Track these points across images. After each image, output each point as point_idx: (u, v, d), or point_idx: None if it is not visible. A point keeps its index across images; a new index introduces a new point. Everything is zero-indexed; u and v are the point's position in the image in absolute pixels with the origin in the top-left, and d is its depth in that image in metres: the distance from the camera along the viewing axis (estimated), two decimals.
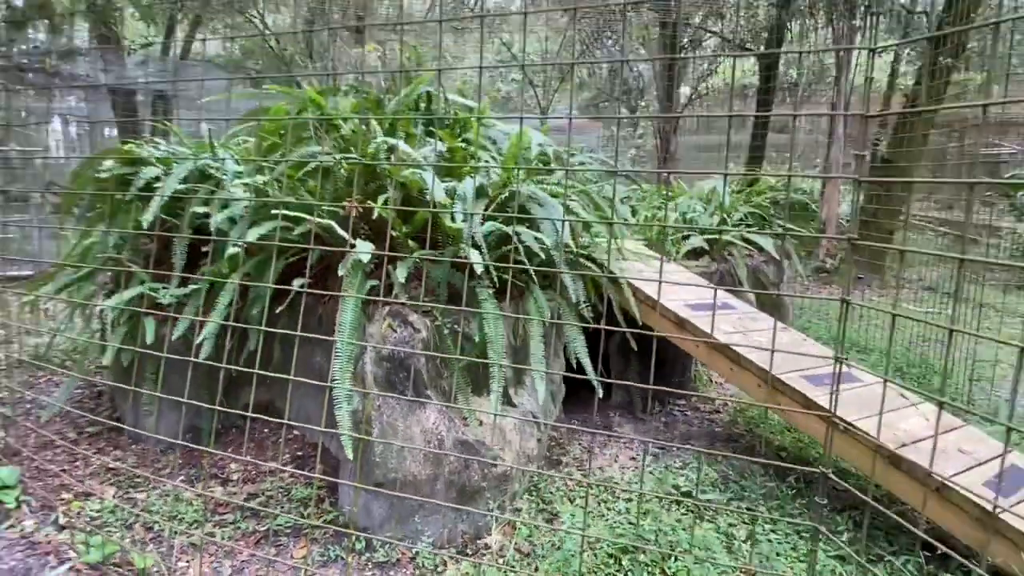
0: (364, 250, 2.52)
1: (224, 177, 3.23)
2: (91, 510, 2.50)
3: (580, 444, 3.22)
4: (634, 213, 4.68)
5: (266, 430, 3.25)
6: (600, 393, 2.60)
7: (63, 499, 2.59)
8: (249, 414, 2.01)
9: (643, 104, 11.33)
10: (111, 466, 3.00)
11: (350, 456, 2.31)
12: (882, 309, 2.11)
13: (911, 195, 7.79)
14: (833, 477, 1.31)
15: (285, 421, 2.13)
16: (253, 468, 2.99)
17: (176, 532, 2.43)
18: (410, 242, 2.77)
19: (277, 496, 2.70)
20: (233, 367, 2.31)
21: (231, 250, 2.67)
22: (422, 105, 3.85)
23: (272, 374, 2.06)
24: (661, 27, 10.37)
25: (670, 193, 5.23)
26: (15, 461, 3.04)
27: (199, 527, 2.48)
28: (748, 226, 4.76)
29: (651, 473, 2.90)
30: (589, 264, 3.13)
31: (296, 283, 2.75)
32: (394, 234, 2.81)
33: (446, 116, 3.54)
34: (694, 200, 4.89)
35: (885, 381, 1.25)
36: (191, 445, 3.10)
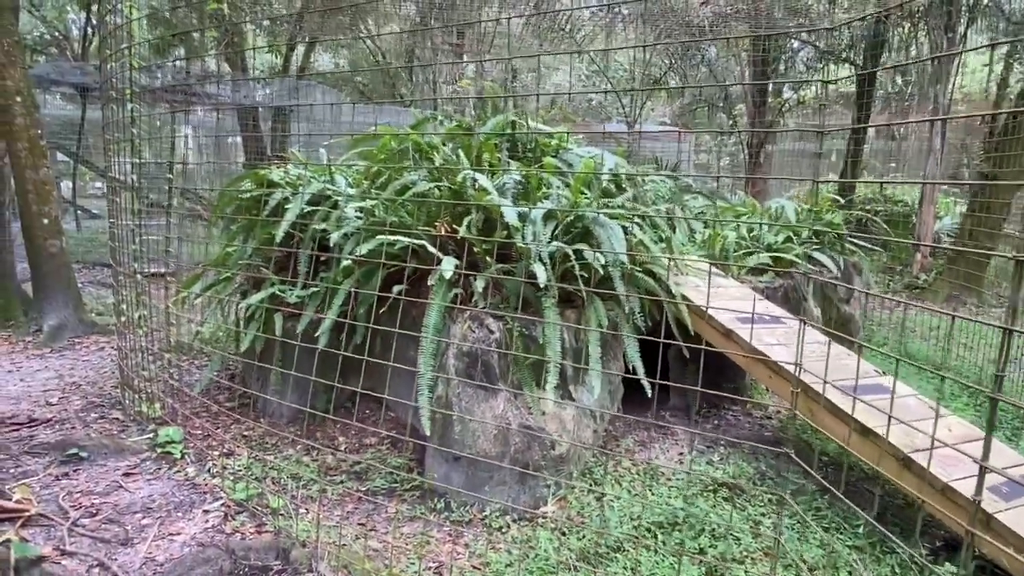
0: (448, 265, 3.06)
1: (340, 198, 3.89)
2: (236, 465, 3.17)
3: (633, 438, 3.62)
4: (692, 231, 4.98)
5: (367, 411, 3.87)
6: (650, 392, 3.00)
7: (212, 455, 3.29)
8: (359, 389, 2.58)
9: (735, 113, 11.39)
10: (245, 433, 3.71)
11: (427, 432, 2.85)
12: None
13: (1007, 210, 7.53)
14: (799, 461, 1.67)
15: (386, 396, 2.69)
16: (357, 441, 3.60)
17: (298, 486, 3.06)
18: (488, 258, 3.28)
19: (376, 464, 3.29)
20: (345, 354, 2.90)
21: (345, 262, 3.28)
22: (507, 130, 4.36)
23: (377, 360, 2.62)
24: (753, 42, 10.43)
25: (739, 209, 5.48)
26: (176, 422, 3.82)
27: (315, 484, 3.10)
28: (816, 243, 4.94)
29: (696, 465, 3.26)
30: (647, 278, 3.52)
31: (395, 289, 3.34)
32: (476, 251, 3.34)
33: (526, 142, 4.03)
34: (762, 217, 5.13)
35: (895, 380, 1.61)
36: (318, 412, 3.76)
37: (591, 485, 3.08)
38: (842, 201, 5.52)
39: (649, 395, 2.97)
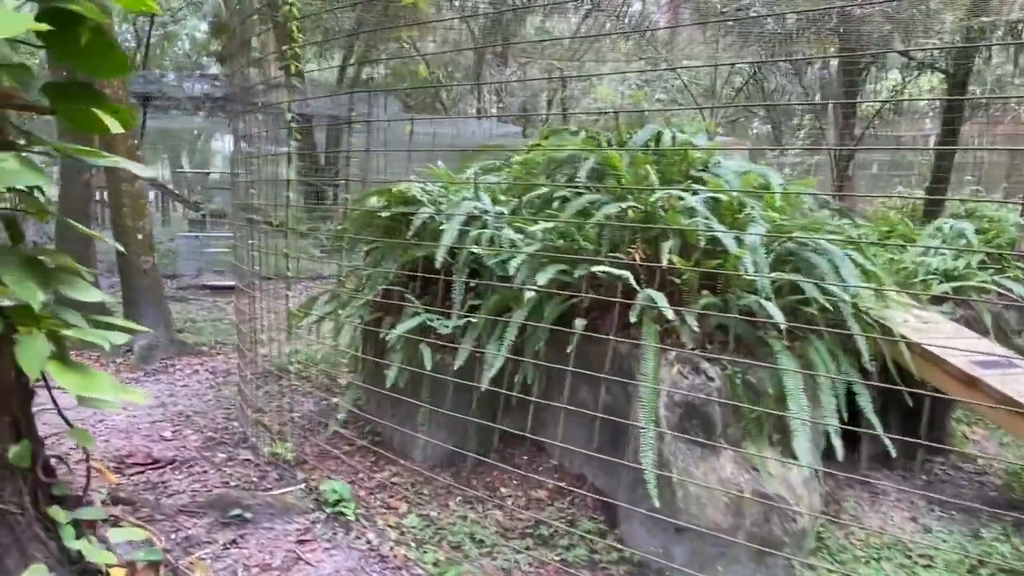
0: (660, 300, 2.62)
1: (488, 218, 3.49)
2: (407, 525, 2.76)
3: (853, 499, 3.14)
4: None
5: (525, 457, 3.44)
6: (893, 451, 2.54)
7: (376, 510, 2.89)
8: (527, 434, 2.14)
9: (818, 126, 10.86)
10: (393, 480, 3.30)
11: (656, 503, 2.41)
12: None
13: None
14: None
15: (557, 444, 2.25)
16: (524, 494, 3.17)
17: (480, 552, 2.64)
18: (691, 291, 2.84)
19: (561, 527, 2.85)
20: (514, 394, 2.47)
21: (528, 294, 2.87)
22: (651, 144, 3.92)
23: (546, 403, 2.19)
24: (841, 51, 9.91)
25: (910, 231, 4.99)
26: (304, 469, 3.42)
27: (497, 548, 2.67)
28: (997, 267, 4.43)
29: (943, 540, 2.77)
30: (862, 314, 3.05)
31: (577, 324, 2.92)
32: (676, 281, 2.91)
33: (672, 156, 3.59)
34: (931, 238, 4.63)
35: None
36: (480, 457, 3.33)
37: (834, 563, 2.60)
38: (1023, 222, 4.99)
39: (892, 452, 2.50)
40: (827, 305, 2.77)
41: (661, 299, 2.63)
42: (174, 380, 5.07)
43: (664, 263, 2.72)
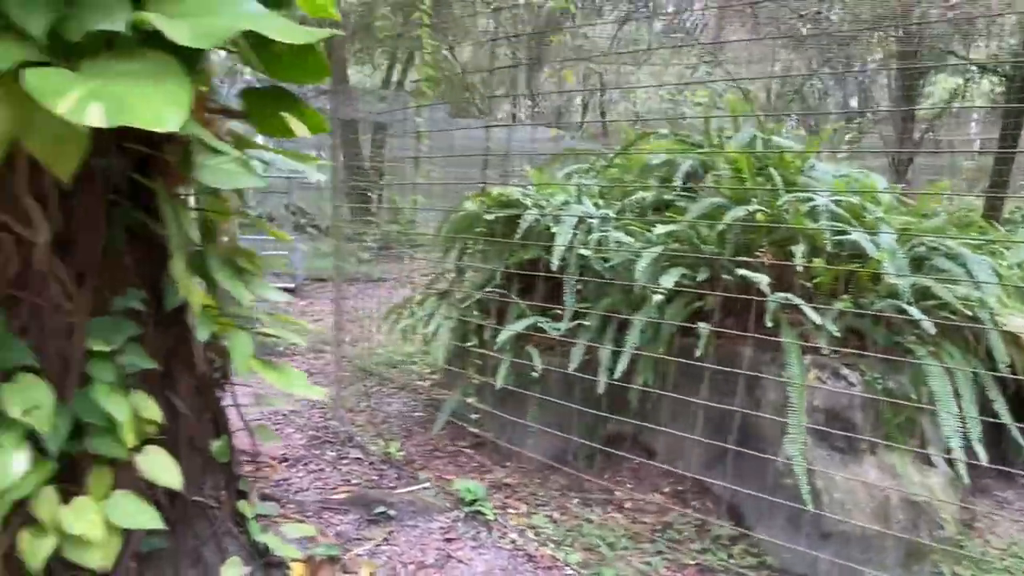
0: (797, 302, 2.61)
1: (593, 221, 3.50)
2: (536, 525, 2.77)
3: (984, 503, 3.09)
4: None
5: (636, 460, 3.44)
6: None
7: (498, 511, 2.90)
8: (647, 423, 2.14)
9: (873, 131, 10.71)
10: (507, 481, 3.32)
11: (810, 505, 2.39)
12: None
13: None
14: None
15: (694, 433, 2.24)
16: (640, 497, 3.17)
17: (614, 553, 2.64)
18: (819, 295, 2.82)
19: (689, 530, 2.84)
20: (632, 387, 2.47)
21: (656, 297, 2.87)
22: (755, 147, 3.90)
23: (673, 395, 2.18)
24: (899, 57, 9.78)
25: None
26: (415, 468, 3.46)
27: (629, 550, 2.67)
28: None
29: None
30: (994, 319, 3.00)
31: (701, 327, 2.91)
32: (807, 285, 2.89)
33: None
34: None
35: None
36: (589, 460, 3.34)
37: (978, 571, 2.56)
38: None
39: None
40: (964, 309, 2.73)
41: (801, 303, 2.62)
42: (260, 380, 5.14)
43: (798, 266, 2.71)
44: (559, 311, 3.41)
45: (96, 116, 1.07)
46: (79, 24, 1.22)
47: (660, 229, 3.01)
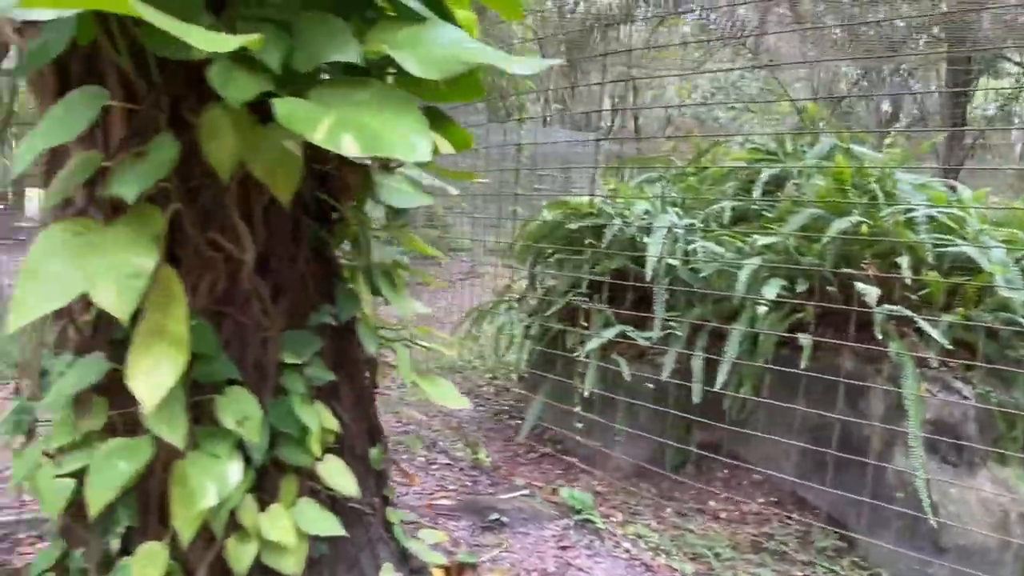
0: (908, 314, 2.61)
1: (678, 231, 3.52)
2: (635, 533, 2.80)
3: None
4: None
5: (725, 470, 3.45)
6: None
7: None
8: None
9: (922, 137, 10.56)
10: (598, 488, 3.34)
11: (930, 514, 2.39)
12: None
13: None
14: None
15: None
16: (734, 508, 3.18)
17: (722, 565, 2.65)
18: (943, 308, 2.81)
19: (792, 542, 2.85)
20: (730, 394, 2.47)
21: (761, 308, 2.89)
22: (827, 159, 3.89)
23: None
24: (949, 62, 9.64)
25: None
26: (499, 475, 3.50)
27: (736, 561, 2.68)
28: None
29: None
30: None
31: (803, 338, 2.92)
32: (912, 298, 2.88)
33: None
34: None
35: None
36: (678, 468, 3.35)
37: None
38: None
39: None
40: None
41: (913, 315, 2.62)
42: None
43: (907, 278, 2.71)
44: (641, 319, 3.44)
45: (350, 145, 1.12)
46: (310, 56, 1.27)
47: (762, 240, 3.02)
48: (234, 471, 1.37)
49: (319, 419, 1.55)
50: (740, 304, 3.05)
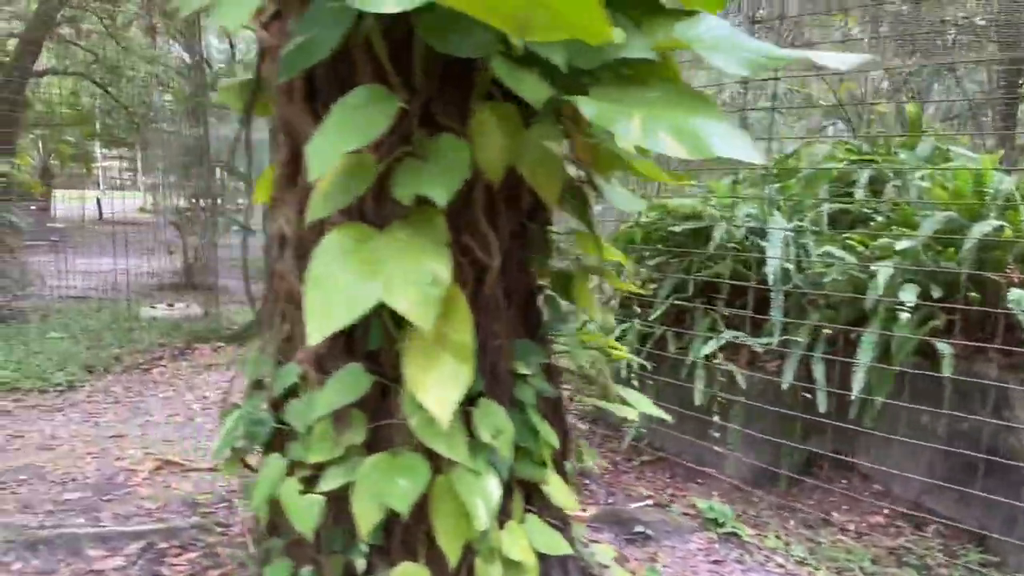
0: None
1: (789, 234, 3.45)
2: (776, 546, 2.72)
3: None
4: None
5: (843, 480, 3.36)
6: None
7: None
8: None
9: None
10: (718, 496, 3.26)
11: None
12: None
13: None
14: None
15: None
16: (860, 519, 3.09)
17: None
18: None
19: (932, 555, 2.76)
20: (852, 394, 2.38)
21: (903, 315, 2.81)
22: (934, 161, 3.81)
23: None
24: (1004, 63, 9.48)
25: None
26: (606, 482, 3.43)
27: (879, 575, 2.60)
28: None
29: None
30: None
31: (942, 346, 2.83)
32: None
33: None
34: None
35: None
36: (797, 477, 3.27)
37: None
38: None
39: None
40: None
41: None
42: None
43: None
44: (753, 324, 3.37)
45: (672, 145, 1.06)
46: (597, 53, 1.21)
47: (900, 244, 2.93)
48: (495, 488, 1.31)
49: (553, 433, 1.49)
50: (873, 309, 2.96)
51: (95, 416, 4.24)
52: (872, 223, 3.55)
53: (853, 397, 2.90)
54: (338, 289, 1.11)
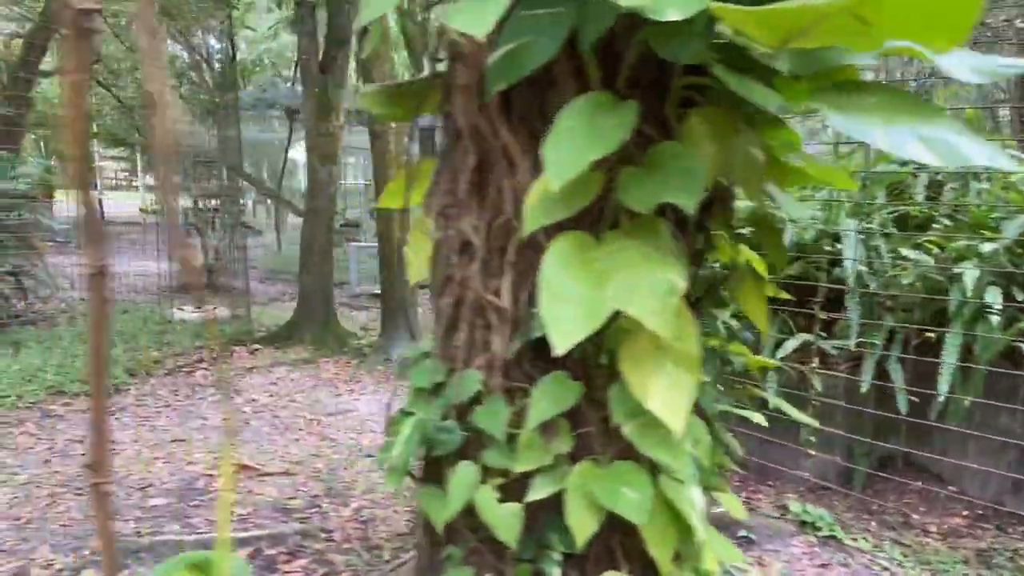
0: None
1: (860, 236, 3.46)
2: (866, 548, 2.73)
3: None
4: None
5: (918, 482, 3.37)
6: None
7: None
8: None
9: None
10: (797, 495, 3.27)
11: None
12: None
13: None
14: None
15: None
16: (940, 521, 3.10)
17: None
18: None
19: (1020, 558, 2.77)
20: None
21: (994, 318, 2.82)
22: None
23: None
24: None
25: None
26: None
27: None
28: None
29: None
30: None
31: None
32: None
33: None
34: None
35: None
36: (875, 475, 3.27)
37: None
38: None
39: None
40: None
41: None
42: None
43: None
44: (824, 325, 3.37)
45: (921, 153, 1.05)
46: (816, 59, 1.21)
47: (987, 247, 2.94)
48: (699, 497, 1.30)
49: (735, 442, 1.48)
50: (957, 311, 2.97)
51: (148, 420, 4.21)
52: (937, 226, 3.57)
53: (941, 397, 2.91)
54: (572, 300, 1.10)
